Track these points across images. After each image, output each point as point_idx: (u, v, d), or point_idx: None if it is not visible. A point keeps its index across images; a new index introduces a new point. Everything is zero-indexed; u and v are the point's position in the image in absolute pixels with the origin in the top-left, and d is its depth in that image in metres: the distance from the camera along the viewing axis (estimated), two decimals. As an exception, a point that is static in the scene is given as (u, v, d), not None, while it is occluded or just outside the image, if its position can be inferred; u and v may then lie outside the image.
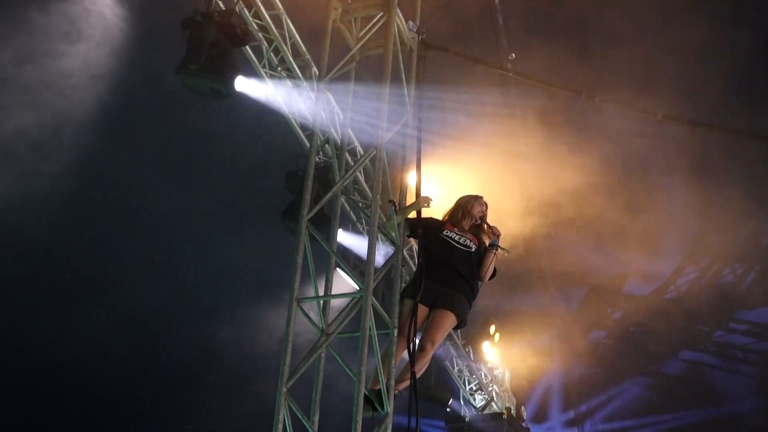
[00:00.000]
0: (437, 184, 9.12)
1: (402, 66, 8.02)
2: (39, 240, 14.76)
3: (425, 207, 7.08)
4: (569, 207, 12.77)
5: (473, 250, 6.88)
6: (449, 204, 7.30)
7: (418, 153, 7.47)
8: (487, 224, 6.99)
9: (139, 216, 16.00)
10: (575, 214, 12.91)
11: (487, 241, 6.97)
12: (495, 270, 6.96)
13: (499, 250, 6.87)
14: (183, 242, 16.22)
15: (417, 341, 6.61)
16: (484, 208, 7.13)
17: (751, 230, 15.63)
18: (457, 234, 6.90)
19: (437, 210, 7.25)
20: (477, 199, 7.17)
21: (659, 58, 13.00)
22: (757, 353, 17.30)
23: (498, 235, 6.90)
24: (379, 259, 7.67)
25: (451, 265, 6.75)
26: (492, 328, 14.74)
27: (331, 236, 7.57)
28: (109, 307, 16.06)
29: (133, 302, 16.21)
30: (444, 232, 6.90)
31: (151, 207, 15.84)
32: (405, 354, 6.48)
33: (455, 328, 6.96)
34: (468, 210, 7.07)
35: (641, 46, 12.77)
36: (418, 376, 6.39)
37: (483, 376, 14.98)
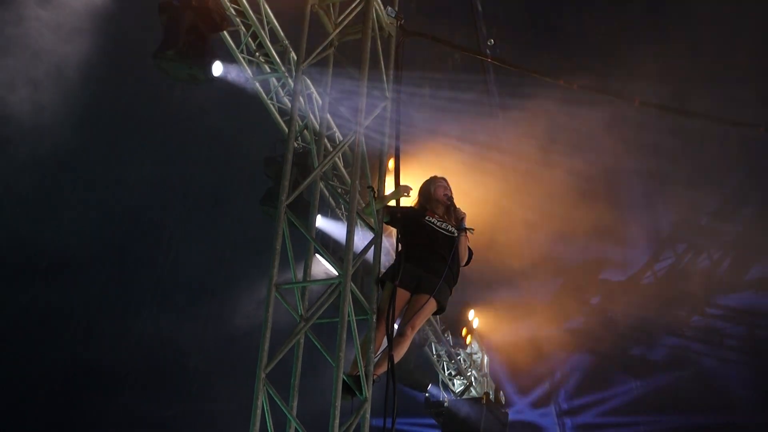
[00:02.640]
0: (416, 172, 9.12)
1: (381, 51, 8.00)
2: (12, 219, 14.73)
3: (405, 196, 7.08)
4: (546, 194, 12.83)
5: (456, 234, 6.89)
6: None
7: (397, 140, 7.47)
8: (453, 206, 6.97)
9: (116, 201, 15.95)
10: (552, 201, 12.98)
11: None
12: (471, 253, 6.97)
13: (467, 231, 6.89)
14: (160, 227, 16.17)
15: (396, 326, 6.64)
16: (446, 183, 7.13)
17: (727, 215, 15.77)
18: (438, 220, 6.92)
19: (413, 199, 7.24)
20: (434, 181, 7.16)
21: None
22: (734, 337, 17.45)
23: (462, 218, 6.89)
24: (358, 244, 7.67)
25: (434, 250, 6.77)
26: (471, 313, 14.81)
27: (309, 222, 7.56)
28: (88, 291, 16.02)
29: (112, 287, 16.18)
30: (426, 218, 6.91)
31: (128, 193, 15.79)
32: (385, 339, 6.51)
33: (434, 314, 6.98)
34: (433, 196, 7.07)
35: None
36: (397, 360, 6.46)
37: (462, 361, 15.04)
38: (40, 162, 14.24)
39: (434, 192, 7.08)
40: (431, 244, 6.78)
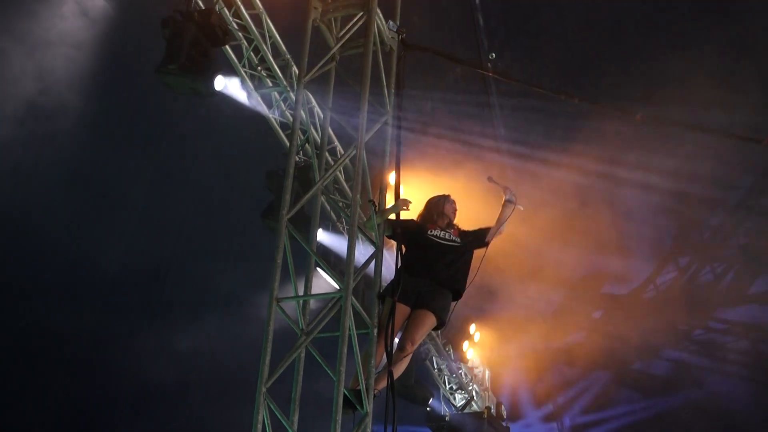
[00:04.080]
0: (417, 186, 9.12)
1: (382, 65, 8.02)
2: (24, 228, 14.78)
3: (404, 210, 7.10)
4: (550, 208, 12.82)
5: (459, 243, 6.92)
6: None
7: (398, 154, 7.48)
8: (505, 187, 6.98)
9: (116, 215, 15.98)
10: (556, 215, 12.97)
11: (504, 196, 6.98)
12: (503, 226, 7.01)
13: (516, 206, 6.91)
14: (162, 241, 16.18)
15: (397, 340, 6.64)
16: (455, 206, 7.20)
17: (730, 229, 15.76)
18: (440, 231, 6.96)
19: (413, 212, 7.27)
20: (446, 198, 7.26)
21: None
22: (737, 351, 17.40)
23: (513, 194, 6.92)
24: (360, 258, 7.67)
25: (436, 265, 6.81)
26: (472, 328, 14.79)
27: (311, 236, 7.57)
28: (92, 303, 16.03)
29: (114, 300, 16.18)
30: (429, 232, 6.94)
31: (129, 209, 15.82)
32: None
33: (434, 329, 6.98)
34: (441, 210, 7.13)
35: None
36: (398, 375, 6.47)
37: (463, 376, 15.01)
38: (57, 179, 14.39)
39: (444, 207, 7.14)
40: (433, 258, 6.80)
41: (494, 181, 7.09)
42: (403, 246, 6.97)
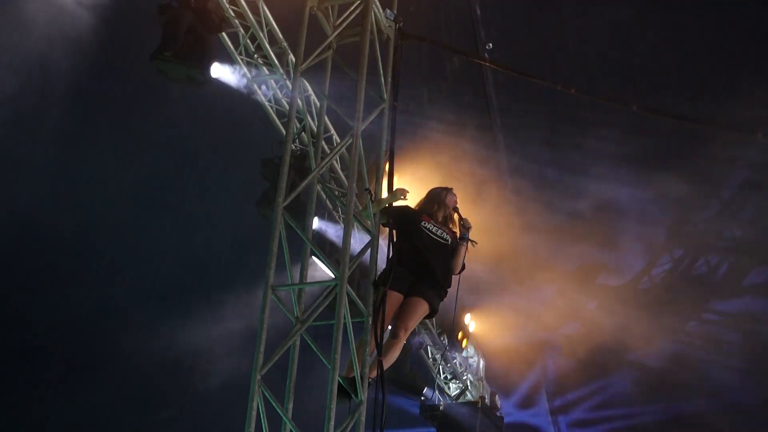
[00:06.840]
0: (412, 176, 9.12)
1: (379, 54, 7.99)
2: (15, 219, 14.78)
3: (402, 199, 7.11)
4: (544, 199, 12.83)
5: (450, 242, 6.97)
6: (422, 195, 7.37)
7: (392, 144, 7.48)
8: (460, 216, 7.06)
9: (113, 200, 15.99)
10: (550, 206, 12.98)
11: (457, 232, 7.06)
12: (464, 264, 7.05)
13: (470, 243, 6.96)
14: (156, 228, 16.18)
15: (389, 329, 6.66)
16: (456, 198, 7.21)
17: (725, 221, 15.77)
18: (434, 226, 6.99)
19: (412, 202, 7.27)
20: (448, 190, 7.28)
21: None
22: (731, 343, 17.43)
23: (469, 228, 6.99)
24: (355, 247, 7.66)
25: (427, 256, 6.84)
26: (467, 317, 14.80)
27: (306, 224, 7.55)
28: (86, 294, 16.03)
29: (107, 290, 16.18)
30: (422, 224, 6.96)
31: (124, 193, 15.80)
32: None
33: (427, 317, 7.01)
34: (441, 201, 7.15)
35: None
36: (391, 362, 6.57)
37: (457, 365, 15.03)
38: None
39: (445, 198, 7.16)
40: (424, 249, 6.83)
41: (458, 213, 7.10)
42: (395, 235, 6.99)
